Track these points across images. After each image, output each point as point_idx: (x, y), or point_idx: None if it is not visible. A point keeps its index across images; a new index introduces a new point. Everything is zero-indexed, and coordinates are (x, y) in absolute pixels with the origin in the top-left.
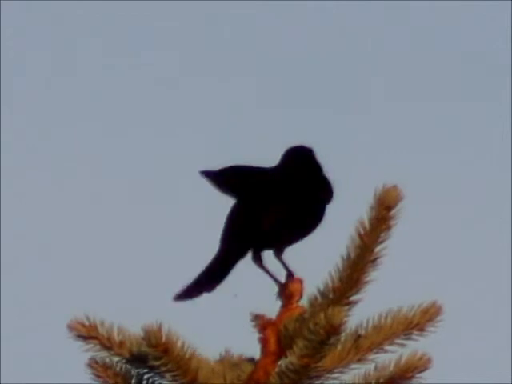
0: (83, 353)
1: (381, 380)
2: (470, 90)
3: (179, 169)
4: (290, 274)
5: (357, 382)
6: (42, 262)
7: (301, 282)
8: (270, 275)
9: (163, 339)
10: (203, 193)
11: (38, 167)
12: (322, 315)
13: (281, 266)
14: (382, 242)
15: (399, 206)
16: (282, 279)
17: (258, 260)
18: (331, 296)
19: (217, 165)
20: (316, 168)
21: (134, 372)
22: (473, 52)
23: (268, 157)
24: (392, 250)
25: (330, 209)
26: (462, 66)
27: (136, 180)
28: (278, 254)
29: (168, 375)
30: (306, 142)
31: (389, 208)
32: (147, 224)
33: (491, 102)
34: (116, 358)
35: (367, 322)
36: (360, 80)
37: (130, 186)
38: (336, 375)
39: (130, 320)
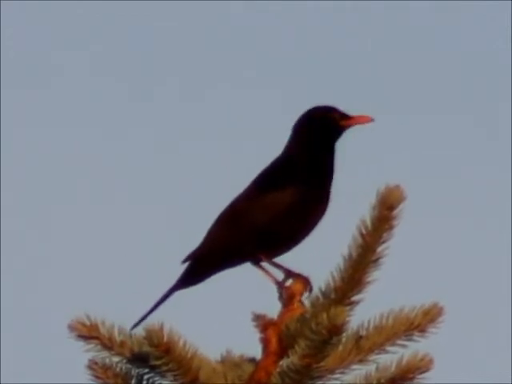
0: (83, 353)
1: (382, 381)
2: (469, 90)
3: (180, 169)
4: (288, 274)
5: (358, 382)
6: (43, 262)
7: (306, 279)
8: (271, 277)
9: (165, 339)
10: (204, 193)
11: (36, 167)
12: (324, 315)
13: (276, 270)
14: (384, 242)
15: (402, 205)
16: (283, 280)
17: (257, 263)
18: (333, 296)
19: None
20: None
21: (134, 372)
22: (473, 52)
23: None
24: (394, 250)
25: (332, 208)
26: (462, 66)
27: (139, 180)
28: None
29: (169, 375)
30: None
31: (391, 208)
32: (148, 224)
33: (491, 102)
34: (117, 358)
35: (368, 322)
36: (360, 79)
37: (133, 186)
38: (337, 376)
39: (131, 320)
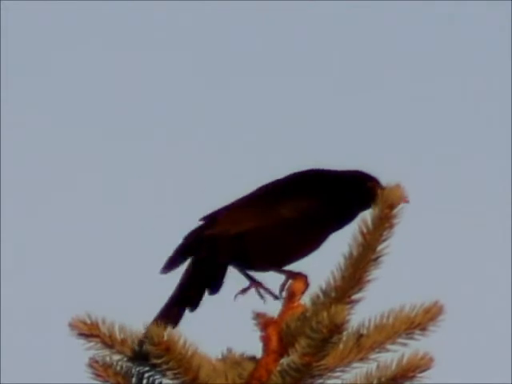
0: (84, 352)
1: (383, 379)
2: (470, 91)
3: (181, 168)
4: (288, 275)
5: (358, 381)
6: (44, 261)
7: (305, 278)
8: (264, 288)
9: (165, 337)
10: (206, 194)
11: (36, 167)
12: (324, 314)
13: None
14: (384, 241)
15: (402, 204)
16: (284, 283)
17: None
18: (333, 295)
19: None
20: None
21: (134, 371)
22: (473, 51)
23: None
24: (394, 248)
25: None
26: (462, 67)
27: (140, 180)
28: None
29: (169, 373)
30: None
31: (392, 207)
32: (148, 223)
33: (491, 102)
34: (117, 357)
35: (369, 321)
36: (361, 79)
37: (134, 185)
38: (338, 374)
39: (131, 318)
